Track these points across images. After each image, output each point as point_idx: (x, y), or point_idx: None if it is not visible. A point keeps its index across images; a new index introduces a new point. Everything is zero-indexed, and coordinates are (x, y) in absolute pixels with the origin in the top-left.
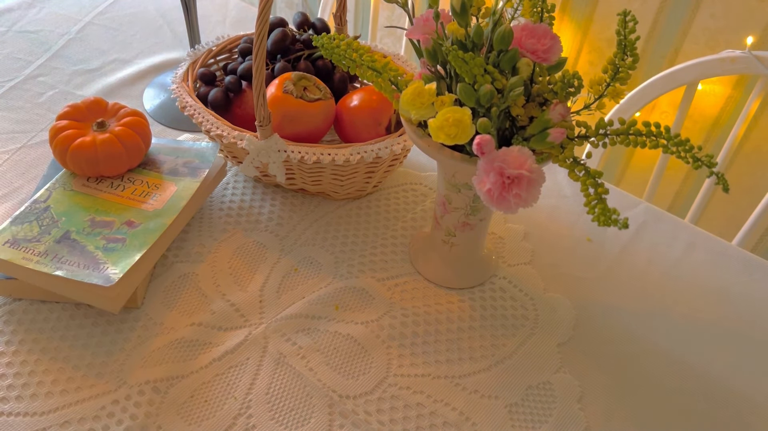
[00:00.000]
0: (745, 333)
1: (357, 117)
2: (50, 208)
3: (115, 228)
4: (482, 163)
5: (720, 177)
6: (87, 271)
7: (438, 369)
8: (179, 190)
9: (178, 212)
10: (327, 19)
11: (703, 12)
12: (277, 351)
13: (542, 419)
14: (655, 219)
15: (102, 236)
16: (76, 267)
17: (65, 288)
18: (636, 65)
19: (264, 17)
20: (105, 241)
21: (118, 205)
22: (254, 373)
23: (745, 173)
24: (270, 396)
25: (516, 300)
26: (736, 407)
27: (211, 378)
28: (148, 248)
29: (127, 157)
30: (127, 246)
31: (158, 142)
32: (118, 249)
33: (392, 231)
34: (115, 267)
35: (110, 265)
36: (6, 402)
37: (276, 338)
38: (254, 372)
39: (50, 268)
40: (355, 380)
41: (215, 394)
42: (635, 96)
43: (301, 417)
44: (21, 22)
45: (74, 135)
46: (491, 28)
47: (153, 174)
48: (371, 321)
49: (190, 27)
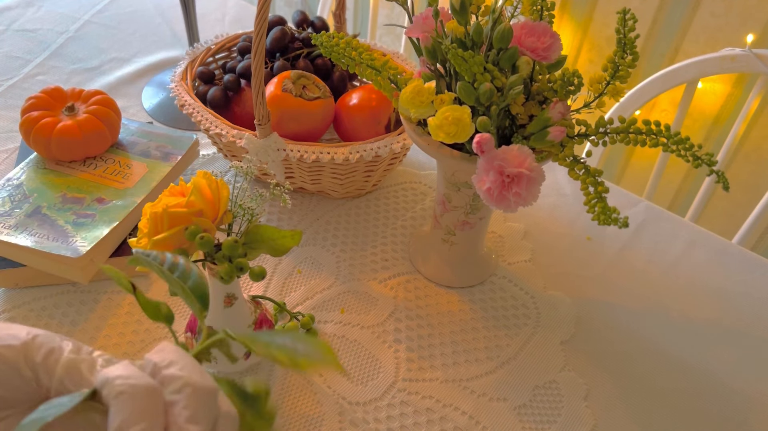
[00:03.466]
0: (745, 331)
1: (356, 115)
2: (23, 185)
3: (85, 204)
4: (482, 162)
5: (720, 175)
6: (56, 243)
7: (445, 372)
8: (150, 171)
9: (149, 191)
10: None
11: (703, 10)
12: None
13: (551, 419)
14: (655, 218)
15: (72, 211)
16: (45, 239)
17: (34, 259)
18: (636, 63)
19: (263, 15)
20: (75, 216)
21: (90, 183)
22: (265, 380)
23: (745, 171)
24: (281, 403)
25: (517, 299)
26: (735, 405)
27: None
28: (117, 224)
29: (109, 134)
30: (96, 221)
31: (131, 124)
32: (88, 224)
33: (392, 230)
34: (84, 241)
35: (79, 239)
36: None
37: None
38: (265, 379)
39: (20, 240)
40: (364, 386)
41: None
42: (635, 94)
43: (311, 425)
44: (20, 20)
45: (52, 122)
46: (491, 27)
47: (125, 154)
48: (376, 325)
49: (189, 25)
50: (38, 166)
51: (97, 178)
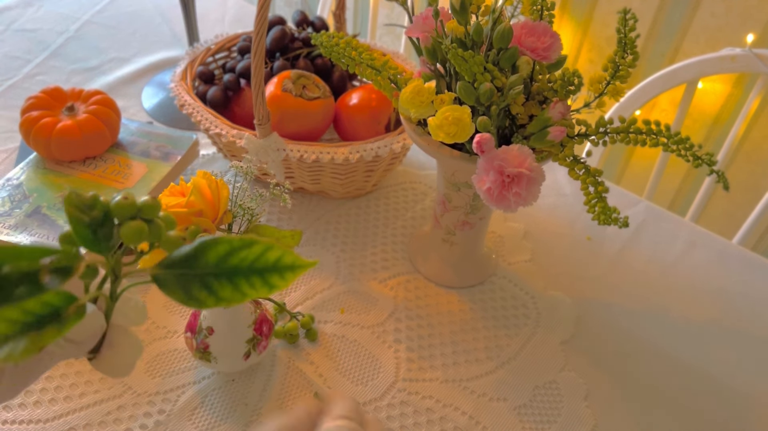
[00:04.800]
0: (745, 331)
1: (356, 115)
2: (23, 185)
3: None
4: (482, 162)
5: (720, 175)
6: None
7: (445, 372)
8: (150, 171)
9: (148, 191)
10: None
11: (703, 10)
12: (287, 357)
13: (551, 419)
14: (655, 218)
15: None
16: (45, 239)
17: None
18: (636, 63)
19: (263, 15)
20: None
21: (89, 183)
22: (265, 380)
23: (746, 171)
24: (281, 403)
25: (517, 299)
26: (735, 405)
27: (221, 384)
28: None
29: (109, 134)
30: None
31: (131, 124)
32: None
33: (392, 230)
34: None
35: None
36: (10, 410)
37: (285, 344)
38: (265, 379)
39: (19, 240)
40: (364, 386)
41: (226, 401)
42: (635, 94)
43: None
44: (19, 20)
45: (52, 122)
46: (491, 26)
47: (125, 154)
48: (376, 325)
49: (189, 25)
50: (38, 166)
51: (97, 178)
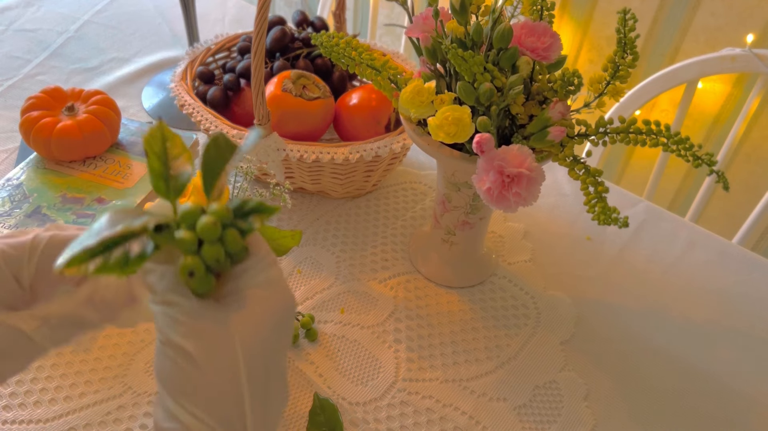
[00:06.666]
0: (745, 331)
1: (356, 115)
2: (23, 185)
3: (85, 204)
4: (482, 162)
5: (720, 175)
6: None
7: (445, 372)
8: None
9: (148, 191)
10: (326, 17)
11: (703, 10)
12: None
13: (551, 419)
14: (655, 218)
15: (72, 212)
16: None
17: None
18: (636, 63)
19: (263, 15)
20: (75, 216)
21: (90, 183)
22: None
23: (746, 171)
24: None
25: (517, 298)
26: (736, 405)
27: None
28: None
29: (109, 134)
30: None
31: (131, 124)
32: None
33: (392, 229)
34: None
35: None
36: (9, 410)
37: None
38: None
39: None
40: (364, 386)
41: None
42: (635, 94)
43: None
44: (19, 20)
45: (52, 122)
46: (491, 26)
47: (125, 154)
48: (376, 325)
49: (189, 25)
50: (38, 166)
51: (97, 178)
